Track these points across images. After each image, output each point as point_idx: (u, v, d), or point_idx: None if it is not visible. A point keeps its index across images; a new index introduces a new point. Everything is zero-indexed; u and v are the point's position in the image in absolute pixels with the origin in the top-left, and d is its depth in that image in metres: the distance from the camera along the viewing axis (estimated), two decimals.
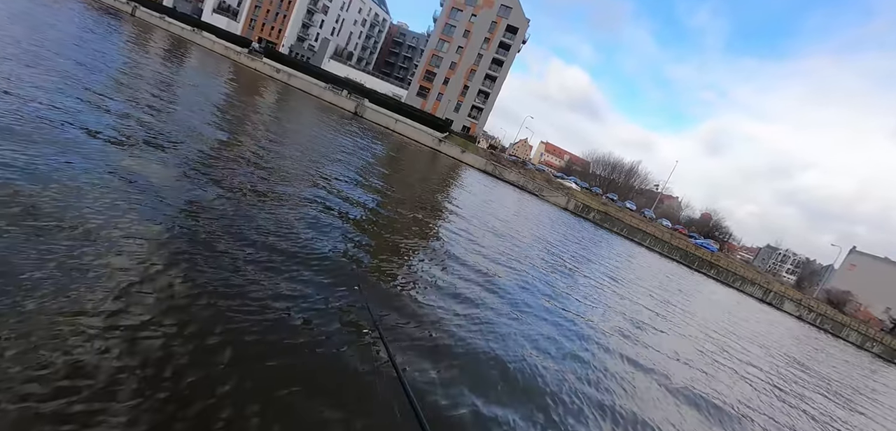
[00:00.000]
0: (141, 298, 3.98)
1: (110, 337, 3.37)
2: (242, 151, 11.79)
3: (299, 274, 5.81)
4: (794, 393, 11.69)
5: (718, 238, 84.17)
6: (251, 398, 3.40)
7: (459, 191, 25.42)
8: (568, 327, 8.63)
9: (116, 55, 20.34)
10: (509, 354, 6.16)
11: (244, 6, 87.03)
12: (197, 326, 3.94)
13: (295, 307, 4.98)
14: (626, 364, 7.95)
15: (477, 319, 6.96)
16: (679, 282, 28.99)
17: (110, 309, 3.67)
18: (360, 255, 7.64)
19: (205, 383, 3.35)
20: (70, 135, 7.36)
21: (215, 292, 4.60)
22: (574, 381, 6.27)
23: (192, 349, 3.65)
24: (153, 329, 3.66)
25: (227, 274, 5.07)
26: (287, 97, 39.26)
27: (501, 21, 68.89)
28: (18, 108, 7.57)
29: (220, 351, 3.77)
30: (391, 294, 6.57)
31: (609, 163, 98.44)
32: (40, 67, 11.20)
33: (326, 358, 4.33)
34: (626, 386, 6.97)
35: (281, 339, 4.31)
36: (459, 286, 8.15)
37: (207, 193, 7.45)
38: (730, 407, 8.18)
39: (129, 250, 4.69)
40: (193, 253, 5.23)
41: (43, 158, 6.00)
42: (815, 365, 19.05)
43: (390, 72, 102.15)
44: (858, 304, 65.37)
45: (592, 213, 54.58)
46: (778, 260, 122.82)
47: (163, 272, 4.56)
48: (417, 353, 5.15)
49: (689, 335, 13.31)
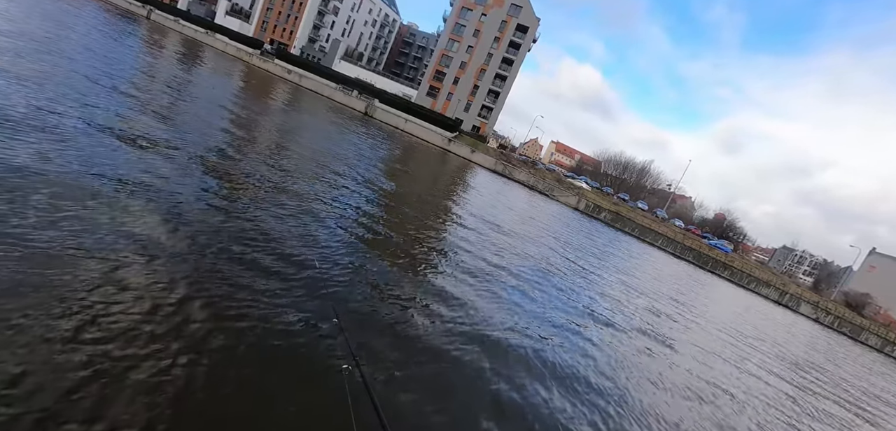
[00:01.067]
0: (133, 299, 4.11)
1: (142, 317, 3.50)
2: (254, 148, 12.00)
3: (280, 278, 5.78)
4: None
5: (732, 238, 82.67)
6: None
7: (468, 191, 25.44)
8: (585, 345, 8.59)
9: (134, 56, 20.83)
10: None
11: (256, 8, 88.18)
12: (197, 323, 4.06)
13: (281, 306, 5.03)
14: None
15: (475, 324, 6.99)
16: (697, 293, 28.54)
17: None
18: (362, 255, 7.72)
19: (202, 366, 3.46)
20: (86, 128, 7.59)
21: (216, 290, 4.72)
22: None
23: (194, 344, 3.77)
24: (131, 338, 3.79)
25: (228, 277, 5.19)
26: (298, 98, 39.71)
27: (512, 20, 68.61)
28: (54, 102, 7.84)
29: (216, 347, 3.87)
30: (376, 311, 6.07)
31: (620, 162, 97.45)
32: (66, 67, 11.55)
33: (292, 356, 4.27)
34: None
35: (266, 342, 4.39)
36: (462, 292, 8.19)
37: (217, 191, 7.62)
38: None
39: (128, 249, 4.84)
40: (193, 253, 5.37)
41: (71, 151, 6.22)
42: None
43: (400, 72, 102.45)
44: (878, 307, 63.54)
45: (604, 213, 54.09)
46: (794, 262, 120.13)
47: (158, 281, 4.69)
48: (415, 364, 5.20)
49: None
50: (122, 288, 3.99)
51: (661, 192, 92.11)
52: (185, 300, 4.21)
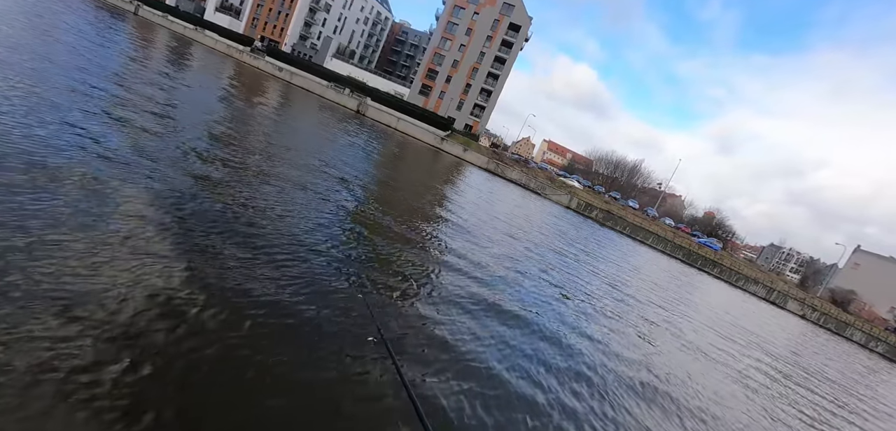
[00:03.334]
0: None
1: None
2: (244, 147, 11.84)
3: (297, 274, 5.83)
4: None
5: (721, 236, 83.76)
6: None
7: (460, 188, 25.42)
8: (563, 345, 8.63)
9: (119, 52, 20.44)
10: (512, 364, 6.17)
11: (246, 5, 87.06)
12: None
13: (291, 306, 5.01)
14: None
15: (471, 327, 6.98)
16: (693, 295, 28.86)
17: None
18: (361, 257, 7.66)
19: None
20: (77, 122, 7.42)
21: (217, 287, 4.64)
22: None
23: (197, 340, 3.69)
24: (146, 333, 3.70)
25: (227, 276, 5.11)
26: (289, 96, 39.34)
27: (504, 19, 68.72)
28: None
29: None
30: (393, 295, 6.58)
31: (612, 161, 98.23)
32: (54, 66, 11.28)
33: (322, 356, 4.36)
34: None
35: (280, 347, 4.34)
36: (456, 287, 8.17)
37: (207, 190, 7.49)
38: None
39: (123, 250, 4.73)
40: (195, 255, 5.27)
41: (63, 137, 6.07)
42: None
43: (392, 70, 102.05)
44: (863, 303, 64.90)
45: (595, 212, 54.47)
46: (782, 259, 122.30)
47: (158, 278, 4.60)
48: (421, 360, 5.17)
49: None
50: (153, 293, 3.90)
51: (652, 191, 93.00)
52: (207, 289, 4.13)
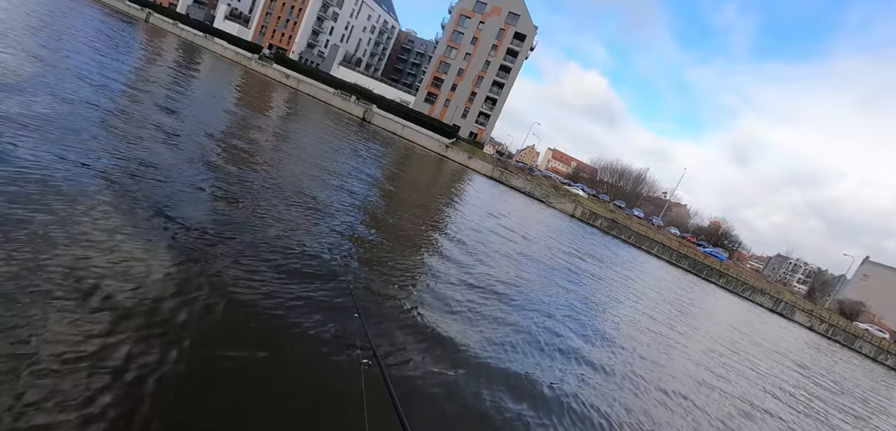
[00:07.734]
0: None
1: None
2: (250, 155, 12.04)
3: (293, 284, 5.86)
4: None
5: (728, 246, 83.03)
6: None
7: (464, 196, 25.53)
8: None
9: (131, 58, 20.86)
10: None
11: (255, 13, 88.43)
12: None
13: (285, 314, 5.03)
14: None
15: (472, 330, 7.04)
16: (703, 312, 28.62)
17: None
18: (362, 261, 7.77)
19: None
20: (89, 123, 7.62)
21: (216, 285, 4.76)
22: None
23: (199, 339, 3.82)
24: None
25: (229, 280, 5.24)
26: (296, 102, 39.80)
27: (509, 28, 69.24)
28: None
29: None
30: (390, 307, 6.34)
31: (617, 169, 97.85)
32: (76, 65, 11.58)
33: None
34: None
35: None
36: (458, 297, 8.25)
37: (212, 201, 7.66)
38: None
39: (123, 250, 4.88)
40: (196, 258, 5.41)
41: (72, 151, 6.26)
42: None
43: (398, 78, 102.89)
44: (872, 315, 63.98)
45: (600, 220, 54.31)
46: (789, 270, 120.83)
47: (159, 285, 4.74)
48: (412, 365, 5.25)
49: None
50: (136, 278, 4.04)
51: (658, 200, 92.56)
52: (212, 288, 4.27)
